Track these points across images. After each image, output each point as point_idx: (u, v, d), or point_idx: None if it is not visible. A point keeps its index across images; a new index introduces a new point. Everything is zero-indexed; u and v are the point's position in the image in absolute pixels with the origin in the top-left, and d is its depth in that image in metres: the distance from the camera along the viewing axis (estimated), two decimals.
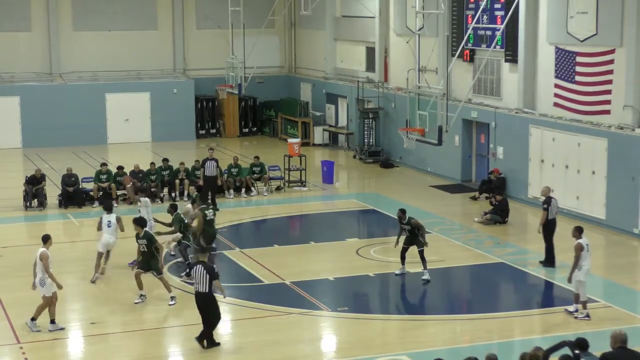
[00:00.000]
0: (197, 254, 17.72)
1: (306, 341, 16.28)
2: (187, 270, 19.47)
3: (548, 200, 20.38)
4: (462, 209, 26.75)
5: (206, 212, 20.92)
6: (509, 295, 19.66)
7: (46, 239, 16.73)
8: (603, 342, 12.09)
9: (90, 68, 39.12)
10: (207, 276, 15.56)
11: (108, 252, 19.75)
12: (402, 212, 19.95)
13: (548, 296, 19.27)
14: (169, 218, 20.73)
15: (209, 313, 15.74)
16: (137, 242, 18.11)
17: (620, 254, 22.05)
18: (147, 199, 21.77)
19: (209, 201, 25.99)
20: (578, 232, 17.09)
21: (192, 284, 18.35)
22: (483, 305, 18.32)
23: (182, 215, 20.50)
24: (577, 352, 11.51)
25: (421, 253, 19.67)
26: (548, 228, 20.40)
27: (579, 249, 16.80)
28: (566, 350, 11.57)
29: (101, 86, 38.64)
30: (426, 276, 19.72)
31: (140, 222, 18.34)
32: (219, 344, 15.79)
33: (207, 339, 15.75)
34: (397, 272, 20.01)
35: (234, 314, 17.71)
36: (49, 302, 16.52)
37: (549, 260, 20.46)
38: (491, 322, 17.12)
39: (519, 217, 25.27)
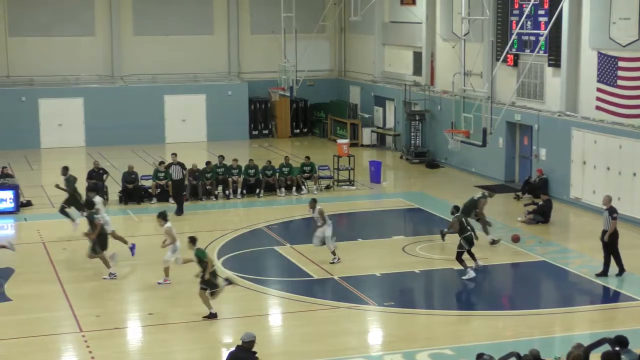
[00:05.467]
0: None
1: (353, 334, 16.51)
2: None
3: (615, 209, 19.57)
4: (505, 208, 26.58)
5: None
6: (551, 293, 19.71)
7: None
8: None
9: (150, 71, 39.74)
10: None
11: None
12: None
13: (588, 294, 19.16)
14: None
15: None
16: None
17: None
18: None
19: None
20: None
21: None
22: (525, 302, 18.34)
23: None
24: (617, 348, 11.50)
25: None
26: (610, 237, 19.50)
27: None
28: (607, 347, 11.59)
29: (160, 88, 39.28)
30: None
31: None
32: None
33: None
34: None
35: (285, 307, 18.11)
36: None
37: (605, 271, 19.64)
38: (533, 318, 17.20)
39: (561, 217, 25.22)
